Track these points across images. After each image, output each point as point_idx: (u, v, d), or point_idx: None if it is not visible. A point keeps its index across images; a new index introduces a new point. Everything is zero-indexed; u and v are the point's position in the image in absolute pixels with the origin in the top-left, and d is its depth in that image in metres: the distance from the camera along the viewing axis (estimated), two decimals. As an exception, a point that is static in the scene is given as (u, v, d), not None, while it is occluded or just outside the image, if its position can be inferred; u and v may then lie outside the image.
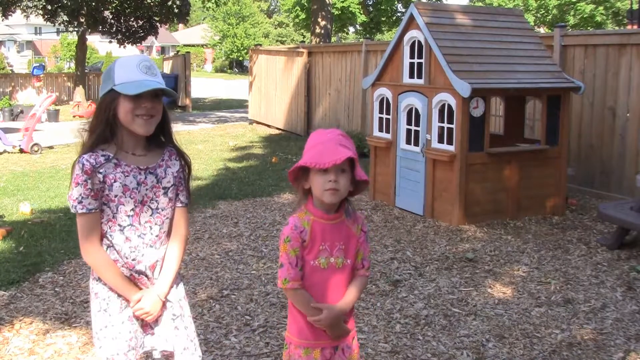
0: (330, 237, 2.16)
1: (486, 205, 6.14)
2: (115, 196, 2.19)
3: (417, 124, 6.40)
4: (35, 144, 11.14)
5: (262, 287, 4.47)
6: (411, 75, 6.47)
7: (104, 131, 2.19)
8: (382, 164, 6.99)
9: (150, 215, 2.26)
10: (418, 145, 6.39)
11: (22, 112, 17.09)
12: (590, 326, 3.86)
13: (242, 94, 24.94)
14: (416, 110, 6.39)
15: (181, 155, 2.35)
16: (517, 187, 6.25)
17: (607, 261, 5.05)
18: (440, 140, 6.13)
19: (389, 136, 6.82)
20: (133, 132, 2.20)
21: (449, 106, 5.98)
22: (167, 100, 2.32)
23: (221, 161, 10.05)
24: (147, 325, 2.34)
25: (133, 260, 2.25)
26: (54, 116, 17.05)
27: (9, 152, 10.98)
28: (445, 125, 6.06)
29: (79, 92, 19.57)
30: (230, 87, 34.03)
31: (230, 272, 4.78)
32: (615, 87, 7.06)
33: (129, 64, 2.19)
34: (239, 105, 22.51)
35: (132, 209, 2.22)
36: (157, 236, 2.29)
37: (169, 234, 2.35)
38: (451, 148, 5.99)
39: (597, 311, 4.09)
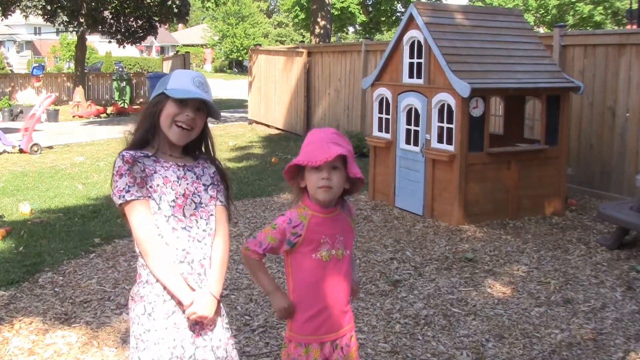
0: (330, 230, 2.20)
1: (486, 205, 6.14)
2: (157, 185, 2.19)
3: (416, 124, 6.40)
4: (35, 144, 11.14)
5: (261, 287, 4.47)
6: (411, 75, 6.47)
7: (146, 132, 2.23)
8: (382, 164, 6.99)
9: (195, 209, 2.24)
10: (418, 145, 6.39)
11: (21, 112, 17.10)
12: (589, 326, 3.86)
13: (242, 94, 24.94)
14: (416, 110, 6.39)
15: (218, 168, 2.38)
16: (516, 187, 6.25)
17: (606, 261, 5.05)
18: (440, 140, 6.14)
19: (388, 136, 6.82)
20: (168, 139, 2.24)
21: (449, 106, 5.98)
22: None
23: (221, 161, 10.02)
24: (199, 333, 2.25)
25: (183, 250, 2.21)
26: (53, 116, 17.05)
27: (8, 152, 10.98)
28: (445, 125, 6.06)
29: (79, 92, 19.56)
30: (229, 87, 34.03)
31: (230, 272, 4.78)
32: (615, 87, 7.06)
33: (185, 75, 2.26)
34: (239, 105, 22.50)
35: (174, 200, 2.21)
36: (203, 230, 2.26)
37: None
38: (451, 148, 5.99)
39: (596, 311, 4.09)
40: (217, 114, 2.31)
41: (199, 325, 2.24)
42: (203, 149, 2.39)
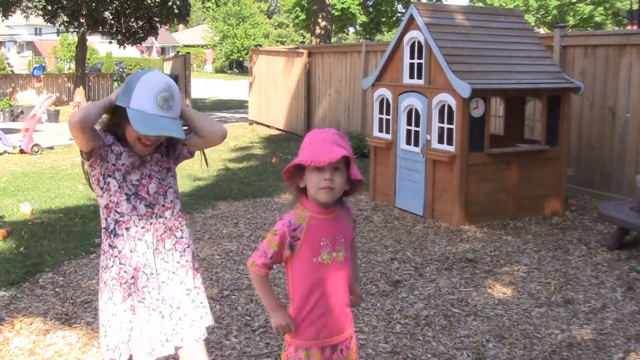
0: (330, 232, 2.17)
1: (486, 206, 6.14)
2: (122, 165, 2.29)
3: (417, 125, 6.41)
4: (36, 145, 11.14)
5: (262, 287, 4.47)
6: (411, 76, 6.48)
7: (112, 128, 2.32)
8: (382, 164, 7.00)
9: (157, 186, 2.37)
10: (418, 146, 6.39)
11: (22, 112, 17.11)
12: (590, 326, 3.86)
13: (242, 95, 24.95)
14: (416, 110, 6.39)
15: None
16: (517, 188, 6.26)
17: (607, 261, 5.05)
18: (441, 141, 6.14)
19: (389, 136, 6.82)
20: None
21: (449, 106, 5.98)
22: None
23: (221, 162, 10.05)
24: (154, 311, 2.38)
25: (142, 228, 2.32)
26: (54, 117, 17.07)
27: (9, 153, 10.99)
28: (445, 125, 6.06)
29: (79, 93, 19.55)
30: (230, 87, 34.04)
31: (231, 273, 4.78)
32: (615, 87, 7.07)
33: (149, 89, 2.23)
34: (239, 105, 22.51)
35: (138, 180, 2.32)
36: (162, 206, 2.37)
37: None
38: (451, 148, 5.99)
39: (597, 311, 4.09)
40: (179, 139, 2.36)
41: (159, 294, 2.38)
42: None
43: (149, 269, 2.33)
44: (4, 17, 18.05)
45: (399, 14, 32.39)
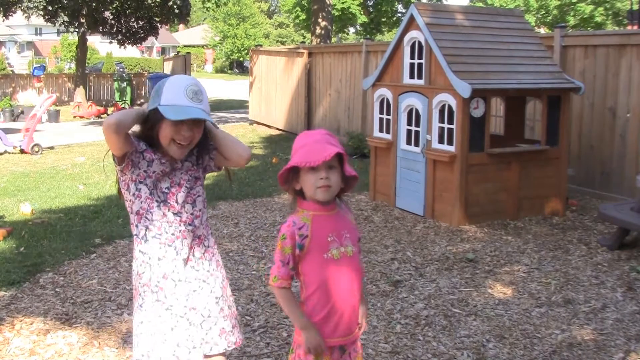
0: (335, 227, 2.18)
1: (486, 206, 6.14)
2: (154, 172, 2.28)
3: (417, 125, 6.41)
4: (36, 145, 11.15)
5: (262, 287, 4.47)
6: (411, 76, 6.48)
7: (145, 137, 2.31)
8: (383, 164, 7.00)
9: (186, 195, 2.36)
10: (418, 146, 6.39)
11: (22, 112, 17.11)
12: (590, 326, 3.86)
13: (243, 95, 24.95)
14: (416, 110, 6.39)
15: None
16: (517, 188, 6.25)
17: (607, 262, 5.05)
18: (441, 141, 6.14)
19: (389, 137, 6.82)
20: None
21: (449, 107, 5.98)
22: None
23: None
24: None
25: (172, 235, 2.32)
26: (54, 117, 17.07)
27: (9, 153, 10.99)
28: (446, 125, 6.06)
29: (80, 93, 19.58)
30: (230, 87, 34.05)
31: (231, 273, 4.78)
32: (616, 87, 7.06)
33: (178, 86, 2.24)
34: (240, 105, 22.51)
35: (168, 187, 2.31)
36: (191, 214, 2.37)
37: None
38: (451, 148, 5.99)
39: (597, 311, 4.09)
40: (212, 125, 2.38)
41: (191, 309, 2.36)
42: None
43: (177, 276, 2.32)
44: (4, 17, 18.06)
45: (399, 14, 32.39)
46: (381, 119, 6.97)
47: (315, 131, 2.19)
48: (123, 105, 19.52)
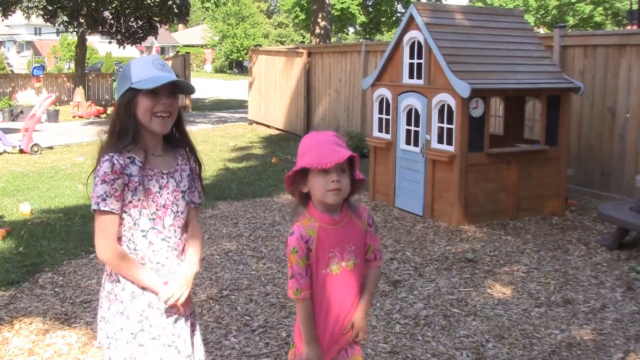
0: (339, 242, 2.14)
1: (486, 206, 6.14)
2: (139, 200, 2.19)
3: (416, 125, 6.40)
4: (35, 145, 11.14)
5: (261, 287, 4.47)
6: (411, 76, 6.48)
7: (125, 131, 2.20)
8: (382, 164, 7.00)
9: (173, 219, 2.27)
10: (418, 146, 6.39)
11: (21, 112, 17.10)
12: (589, 326, 3.86)
13: (242, 95, 24.95)
14: (416, 110, 6.39)
15: (194, 153, 2.38)
16: (516, 188, 6.25)
17: (606, 262, 5.05)
18: (440, 141, 6.14)
19: (388, 136, 6.82)
20: (151, 131, 2.22)
21: (449, 106, 5.98)
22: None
23: (221, 161, 10.05)
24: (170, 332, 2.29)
25: (157, 263, 2.24)
26: (53, 116, 17.06)
27: (8, 153, 10.98)
28: (445, 125, 6.06)
29: (79, 93, 19.57)
30: (230, 87, 34.04)
31: (230, 273, 4.78)
32: (615, 87, 7.07)
33: (144, 62, 2.23)
34: (239, 105, 22.51)
35: (154, 213, 2.23)
36: (179, 239, 2.30)
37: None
38: (451, 148, 5.99)
39: (596, 311, 4.09)
40: (190, 88, 2.32)
41: (172, 316, 2.26)
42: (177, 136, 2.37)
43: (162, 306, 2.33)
44: (3, 17, 18.04)
45: (398, 14, 32.40)
46: (380, 119, 6.97)
47: (323, 132, 2.14)
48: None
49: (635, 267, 4.87)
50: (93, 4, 17.53)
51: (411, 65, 6.47)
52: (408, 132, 6.53)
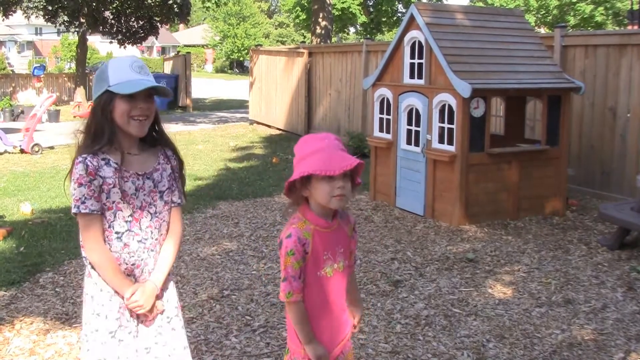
0: (331, 245, 2.15)
1: (487, 206, 6.13)
2: (113, 202, 2.19)
3: (417, 125, 6.40)
4: (36, 144, 11.15)
5: (262, 287, 4.47)
6: (412, 76, 6.47)
7: (101, 132, 2.19)
8: (383, 164, 6.99)
9: (150, 220, 2.26)
10: (418, 146, 6.39)
11: (22, 112, 17.11)
12: (590, 326, 3.86)
13: (243, 95, 24.95)
14: (417, 110, 6.39)
15: (174, 152, 2.36)
16: (517, 188, 6.25)
17: (607, 261, 5.05)
18: (441, 141, 6.13)
19: (389, 136, 6.82)
20: (127, 133, 2.21)
21: (450, 106, 5.98)
22: (165, 101, 2.34)
23: (222, 161, 10.05)
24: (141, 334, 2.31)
25: (132, 265, 2.25)
26: (54, 116, 17.07)
27: (9, 153, 10.99)
28: (446, 125, 6.06)
29: (80, 93, 19.58)
30: (230, 87, 34.05)
31: (231, 273, 4.78)
32: (616, 87, 7.06)
33: (121, 64, 2.21)
34: (240, 105, 22.52)
35: (131, 215, 2.22)
36: (156, 240, 2.29)
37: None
38: (452, 148, 5.99)
39: (597, 311, 4.08)
40: (168, 93, 2.31)
41: (143, 323, 2.29)
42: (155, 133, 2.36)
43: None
44: (4, 17, 18.05)
45: (399, 14, 32.36)
46: (381, 119, 6.97)
47: (324, 135, 2.10)
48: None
49: (636, 267, 4.87)
50: (94, 4, 17.54)
51: (412, 65, 6.46)
52: (409, 132, 6.53)
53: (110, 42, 21.09)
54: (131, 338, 2.26)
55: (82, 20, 18.39)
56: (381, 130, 6.98)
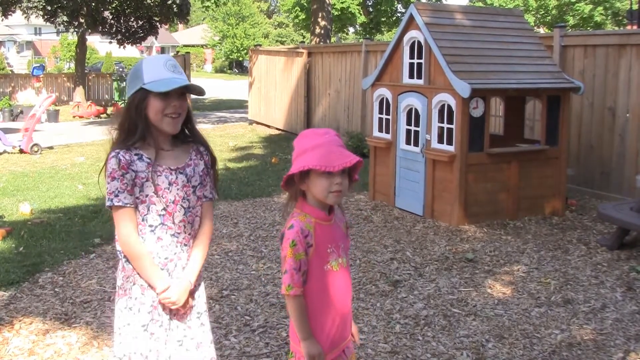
0: (334, 238, 2.16)
1: (486, 206, 6.14)
2: (146, 196, 2.23)
3: (416, 125, 6.40)
4: (35, 145, 11.14)
5: (261, 287, 4.47)
6: (411, 76, 6.48)
7: (134, 129, 2.23)
8: (382, 164, 6.99)
9: (184, 215, 2.29)
10: (418, 146, 6.39)
11: (21, 112, 17.10)
12: (590, 326, 3.86)
13: (242, 95, 24.95)
14: (416, 110, 6.39)
15: (207, 148, 2.40)
16: (516, 188, 6.25)
17: (606, 261, 5.05)
18: (440, 141, 6.14)
19: (388, 136, 6.82)
20: (160, 130, 2.26)
21: (449, 106, 5.98)
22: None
23: (221, 161, 10.04)
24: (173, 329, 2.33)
25: (166, 259, 2.28)
26: (53, 116, 17.06)
27: (8, 153, 10.98)
28: (445, 125, 6.06)
29: (79, 93, 19.57)
30: (230, 87, 34.05)
31: (230, 273, 4.78)
32: (615, 87, 7.06)
33: (156, 63, 2.25)
34: (239, 105, 22.51)
35: (164, 209, 2.25)
36: (189, 234, 2.32)
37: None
38: (451, 148, 5.99)
39: (596, 311, 4.09)
40: (201, 91, 2.35)
41: (175, 317, 2.31)
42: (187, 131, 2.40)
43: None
44: (3, 17, 18.03)
45: (398, 14, 32.38)
46: (381, 119, 6.97)
47: (324, 131, 2.12)
48: (122, 105, 19.50)
49: (636, 267, 4.87)
50: (93, 4, 17.54)
51: (411, 65, 6.47)
52: (408, 132, 6.53)
53: (110, 42, 21.07)
54: (162, 331, 2.28)
55: (82, 20, 18.38)
56: (380, 130, 6.98)
